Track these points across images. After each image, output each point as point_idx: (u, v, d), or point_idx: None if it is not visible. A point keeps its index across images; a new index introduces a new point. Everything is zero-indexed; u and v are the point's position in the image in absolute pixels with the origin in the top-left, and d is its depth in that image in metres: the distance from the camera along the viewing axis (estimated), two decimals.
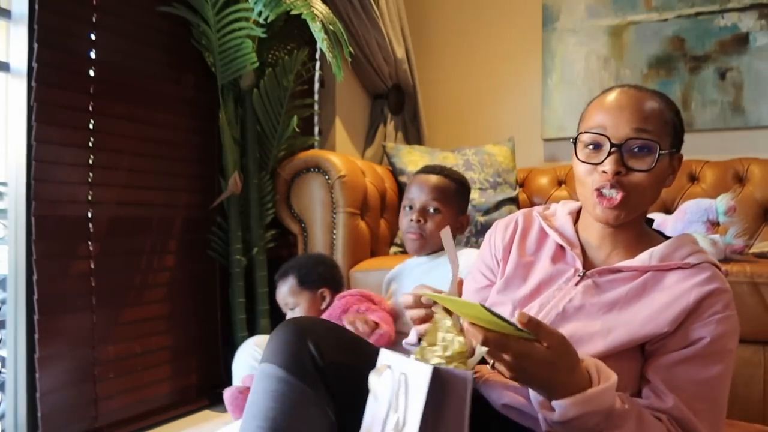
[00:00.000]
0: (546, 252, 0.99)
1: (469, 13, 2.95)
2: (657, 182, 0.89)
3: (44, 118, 1.60)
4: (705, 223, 1.67)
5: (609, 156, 0.86)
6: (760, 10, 2.39)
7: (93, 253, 1.75)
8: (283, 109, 2.18)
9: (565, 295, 0.91)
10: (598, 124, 0.89)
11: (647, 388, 0.85)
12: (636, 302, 0.87)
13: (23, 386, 1.59)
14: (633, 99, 0.89)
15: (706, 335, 0.83)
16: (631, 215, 0.90)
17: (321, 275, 1.58)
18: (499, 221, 1.09)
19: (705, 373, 0.83)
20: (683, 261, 0.88)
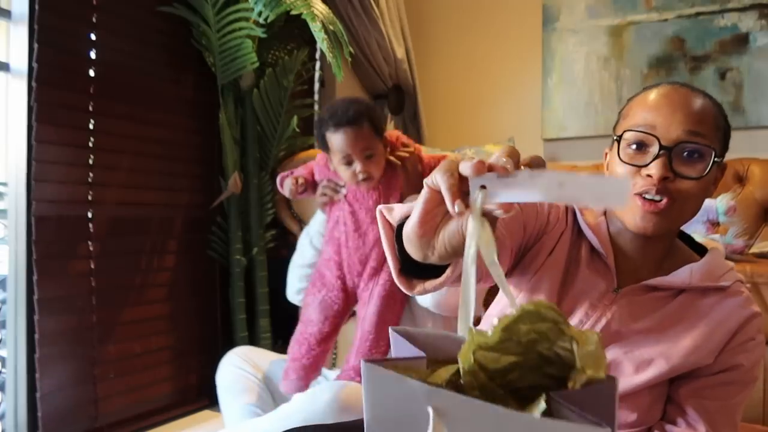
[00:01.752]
0: (583, 255, 0.87)
1: (469, 13, 2.95)
2: (703, 192, 0.79)
3: (44, 118, 1.60)
4: (705, 223, 1.67)
5: (656, 158, 0.76)
6: (760, 10, 2.39)
7: (93, 253, 1.75)
8: (283, 109, 2.18)
9: (600, 317, 0.83)
10: (647, 122, 0.79)
11: (678, 414, 0.82)
12: (675, 328, 0.81)
13: (23, 386, 1.59)
14: (686, 98, 0.79)
15: (743, 362, 0.80)
16: (672, 226, 0.81)
17: (384, 122, 1.42)
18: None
19: (734, 399, 0.81)
20: (718, 283, 0.82)
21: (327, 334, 1.37)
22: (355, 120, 1.27)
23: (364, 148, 1.27)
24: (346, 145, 1.27)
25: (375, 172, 1.30)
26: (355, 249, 1.36)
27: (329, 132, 1.29)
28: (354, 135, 1.27)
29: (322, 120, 1.31)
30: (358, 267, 1.36)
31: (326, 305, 1.38)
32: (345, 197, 1.38)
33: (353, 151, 1.27)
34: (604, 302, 0.83)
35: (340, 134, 1.27)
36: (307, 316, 1.40)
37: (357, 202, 1.36)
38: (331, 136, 1.29)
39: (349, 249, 1.37)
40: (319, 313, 1.38)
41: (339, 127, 1.27)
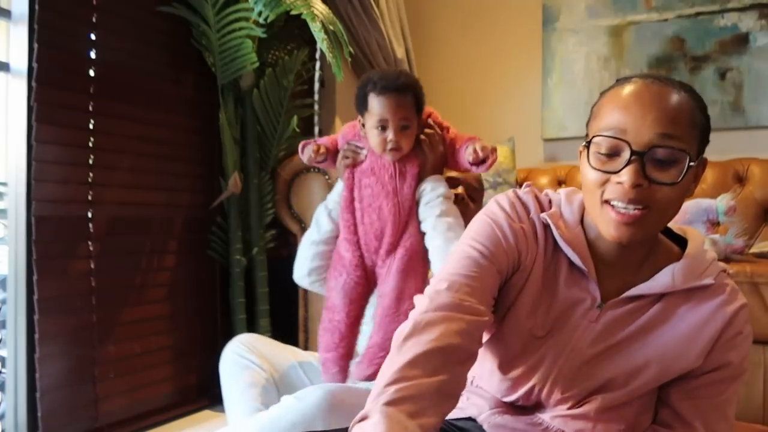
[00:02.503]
0: (562, 271, 0.84)
1: (469, 13, 2.95)
2: (681, 196, 0.75)
3: (44, 118, 1.60)
4: (705, 223, 1.67)
5: (628, 165, 0.72)
6: (760, 10, 2.39)
7: (93, 253, 1.75)
8: (283, 109, 2.18)
9: (584, 335, 0.81)
10: (617, 124, 0.74)
11: (670, 414, 0.82)
12: (660, 331, 0.80)
13: (23, 386, 1.59)
14: (658, 96, 0.73)
15: (733, 359, 0.79)
16: (649, 234, 0.77)
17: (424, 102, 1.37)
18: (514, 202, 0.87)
19: (726, 393, 0.81)
20: (702, 282, 0.80)
21: (355, 318, 1.36)
22: (402, 88, 1.28)
23: (402, 117, 1.28)
24: (386, 110, 1.27)
25: (405, 145, 1.31)
26: (369, 224, 1.34)
27: (374, 93, 1.29)
28: (397, 102, 1.27)
29: (369, 80, 1.31)
30: (374, 243, 1.34)
31: (349, 288, 1.36)
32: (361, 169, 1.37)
33: (392, 117, 1.28)
34: (589, 319, 0.81)
35: (384, 98, 1.27)
36: (331, 302, 1.38)
37: (373, 175, 1.35)
38: (374, 98, 1.29)
39: (365, 225, 1.35)
40: (343, 297, 1.36)
41: (385, 91, 1.27)
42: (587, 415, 0.81)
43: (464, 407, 0.91)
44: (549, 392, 0.83)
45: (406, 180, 1.33)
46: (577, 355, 0.81)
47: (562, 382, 0.82)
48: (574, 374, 0.82)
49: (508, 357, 0.86)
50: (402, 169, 1.33)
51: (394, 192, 1.32)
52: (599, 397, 0.81)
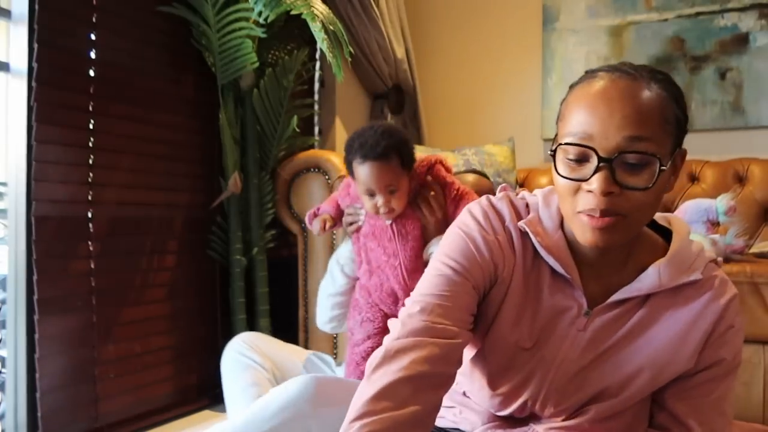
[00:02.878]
0: (544, 280, 0.80)
1: (469, 13, 2.95)
2: (656, 198, 0.72)
3: (44, 118, 1.60)
4: (705, 223, 1.67)
5: (596, 172, 0.68)
6: (760, 10, 2.39)
7: (93, 253, 1.75)
8: (283, 109, 2.18)
9: (573, 345, 0.78)
10: (583, 130, 0.70)
11: (666, 417, 0.81)
12: (651, 332, 0.77)
13: (23, 386, 1.59)
14: (625, 93, 0.69)
15: (725, 356, 0.78)
16: (627, 238, 0.74)
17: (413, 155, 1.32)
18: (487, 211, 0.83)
19: (721, 389, 0.79)
20: (690, 278, 0.77)
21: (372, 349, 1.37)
22: (383, 155, 1.25)
23: (388, 183, 1.27)
24: (370, 179, 1.27)
25: (396, 206, 1.30)
26: (380, 285, 1.37)
27: (356, 162, 1.28)
28: (379, 170, 1.26)
29: (351, 147, 1.30)
30: (389, 299, 1.38)
31: (367, 324, 1.40)
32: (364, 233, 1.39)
33: (377, 185, 1.27)
34: (577, 327, 0.79)
35: (366, 167, 1.26)
36: (353, 339, 1.42)
37: (375, 239, 1.36)
38: (358, 167, 1.28)
39: (374, 285, 1.38)
40: (363, 333, 1.40)
41: (366, 160, 1.26)
42: (581, 426, 0.80)
43: (457, 421, 0.90)
44: (542, 406, 0.82)
45: (408, 241, 1.33)
46: (568, 366, 0.79)
47: (555, 395, 0.80)
48: (565, 386, 0.80)
49: (496, 372, 0.83)
50: (401, 231, 1.33)
51: (395, 254, 1.34)
52: (593, 407, 0.80)
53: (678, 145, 0.73)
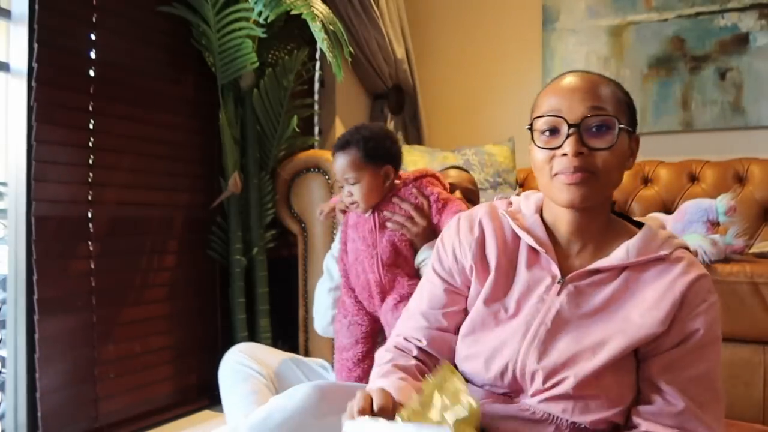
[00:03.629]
0: (521, 257, 0.92)
1: (469, 14, 2.95)
2: (620, 162, 0.85)
3: (44, 118, 1.60)
4: (705, 223, 1.67)
5: (568, 138, 0.82)
6: (760, 10, 2.39)
7: (93, 253, 1.75)
8: (283, 109, 2.18)
9: (549, 309, 0.87)
10: (552, 107, 0.85)
11: (652, 392, 0.83)
12: (623, 304, 0.85)
13: (23, 386, 1.59)
14: (585, 80, 0.86)
15: (700, 327, 0.82)
16: (597, 197, 0.85)
17: (388, 151, 1.36)
18: (461, 216, 1.00)
19: (705, 365, 0.83)
20: (659, 253, 0.86)
21: (363, 354, 1.37)
22: (343, 146, 1.33)
23: (346, 174, 1.32)
24: (336, 170, 1.35)
25: (359, 200, 1.33)
26: (356, 277, 1.38)
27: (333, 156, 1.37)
28: (340, 161, 1.33)
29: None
30: (366, 292, 1.38)
31: (354, 329, 1.39)
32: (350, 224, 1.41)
33: (340, 176, 1.34)
34: (552, 294, 0.87)
35: (334, 159, 1.35)
36: (339, 343, 1.41)
37: (357, 230, 1.38)
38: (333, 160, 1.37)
39: (353, 278, 1.40)
40: (349, 337, 1.38)
41: (333, 151, 1.35)
42: (567, 393, 0.83)
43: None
44: (522, 368, 0.86)
45: (385, 237, 1.34)
46: (544, 328, 0.86)
47: (533, 355, 0.85)
48: (543, 347, 0.85)
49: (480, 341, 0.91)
50: (382, 226, 1.35)
51: (373, 245, 1.35)
52: (570, 373, 0.83)
53: (632, 128, 0.88)
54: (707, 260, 1.60)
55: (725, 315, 1.57)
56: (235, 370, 1.44)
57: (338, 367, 1.40)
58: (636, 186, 2.38)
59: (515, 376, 0.87)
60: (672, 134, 2.56)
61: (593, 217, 0.89)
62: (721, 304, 0.88)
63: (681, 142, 2.53)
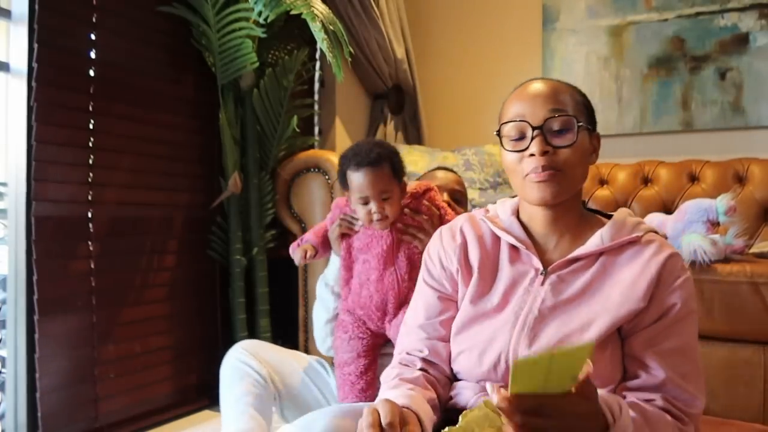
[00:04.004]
0: (503, 256, 0.98)
1: (469, 13, 2.95)
2: (582, 158, 0.92)
3: (44, 118, 1.60)
4: (705, 223, 1.67)
5: (533, 140, 0.89)
6: (760, 10, 2.39)
7: (93, 253, 1.75)
8: (283, 109, 2.18)
9: (535, 298, 0.92)
10: (516, 113, 0.92)
11: (636, 367, 0.88)
12: (602, 286, 0.90)
13: (23, 386, 1.59)
14: (545, 85, 0.93)
15: (676, 301, 0.87)
16: (566, 193, 0.92)
17: (404, 166, 1.38)
18: (442, 229, 1.07)
19: (684, 338, 0.88)
20: (631, 236, 0.92)
21: (366, 366, 1.36)
22: (376, 161, 1.29)
23: (381, 190, 1.30)
24: (365, 185, 1.30)
25: (390, 213, 1.32)
26: (369, 297, 1.35)
27: (350, 170, 1.31)
28: (373, 176, 1.29)
29: (345, 158, 1.34)
30: (376, 313, 1.36)
31: (354, 343, 1.37)
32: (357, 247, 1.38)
33: (371, 191, 1.30)
34: (536, 285, 0.93)
35: (360, 174, 1.30)
36: (339, 359, 1.39)
37: (369, 250, 1.36)
38: (352, 175, 1.31)
39: (363, 299, 1.36)
40: (350, 352, 1.36)
41: (360, 167, 1.30)
42: None
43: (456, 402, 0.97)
44: (514, 357, 0.89)
45: (401, 252, 1.34)
46: (532, 316, 0.91)
47: (523, 343, 0.89)
48: (533, 333, 0.89)
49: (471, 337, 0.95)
50: (399, 241, 1.34)
51: (391, 262, 1.34)
52: None
53: (592, 126, 0.94)
54: (707, 260, 1.60)
55: (725, 315, 1.58)
56: (235, 368, 1.44)
57: (340, 383, 1.37)
58: (636, 186, 2.38)
59: (508, 366, 0.89)
60: (672, 134, 2.56)
61: (565, 211, 0.95)
62: (721, 304, 0.90)
63: (681, 142, 2.53)
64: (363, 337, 1.37)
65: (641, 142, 2.61)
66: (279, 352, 1.53)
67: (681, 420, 0.84)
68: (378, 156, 1.30)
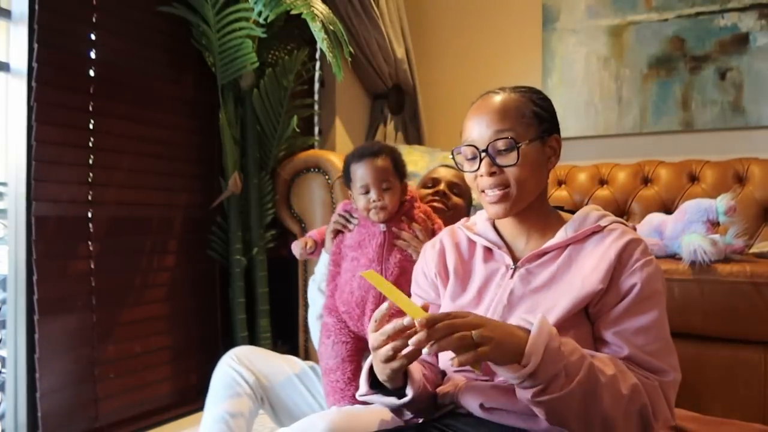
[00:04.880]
0: (477, 258, 1.06)
1: (469, 14, 2.95)
2: (533, 170, 0.97)
3: (44, 118, 1.60)
4: (705, 223, 1.67)
5: (481, 161, 0.97)
6: (760, 10, 2.39)
7: (93, 253, 1.75)
8: (283, 109, 2.18)
9: (505, 290, 0.98)
10: (468, 136, 1.00)
11: (603, 346, 0.92)
12: (568, 273, 0.96)
13: (23, 386, 1.59)
14: (489, 104, 0.99)
15: (636, 281, 0.91)
16: (520, 205, 0.99)
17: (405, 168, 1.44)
18: (426, 245, 1.16)
19: (648, 318, 0.91)
20: (594, 225, 0.98)
21: (352, 372, 1.35)
22: (378, 152, 1.37)
23: (382, 179, 1.35)
24: (366, 174, 1.35)
25: (389, 203, 1.36)
26: (350, 293, 1.36)
27: (354, 162, 1.38)
28: (374, 165, 1.35)
29: (349, 155, 1.41)
30: (356, 311, 1.35)
31: (338, 347, 1.37)
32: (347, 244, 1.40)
33: (372, 180, 1.35)
34: (506, 279, 1.00)
35: (363, 163, 1.36)
36: (325, 365, 1.38)
37: (360, 248, 1.38)
38: (355, 167, 1.37)
39: (345, 295, 1.37)
40: (335, 357, 1.36)
41: (363, 158, 1.37)
42: None
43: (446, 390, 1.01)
44: None
45: (393, 255, 1.36)
46: (501, 305, 0.98)
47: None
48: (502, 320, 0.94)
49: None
50: (391, 241, 1.37)
51: (379, 260, 1.35)
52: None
53: (547, 132, 1.00)
54: (707, 260, 1.60)
55: (725, 315, 1.58)
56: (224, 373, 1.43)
57: (329, 390, 1.36)
58: (636, 186, 2.38)
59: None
60: (672, 134, 2.56)
61: (528, 215, 1.02)
62: (721, 304, 0.90)
63: (681, 142, 2.53)
64: (346, 341, 1.37)
65: (641, 142, 2.61)
66: (271, 357, 1.52)
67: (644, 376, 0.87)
68: (380, 148, 1.38)
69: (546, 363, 0.77)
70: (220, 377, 1.45)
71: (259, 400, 1.44)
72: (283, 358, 1.54)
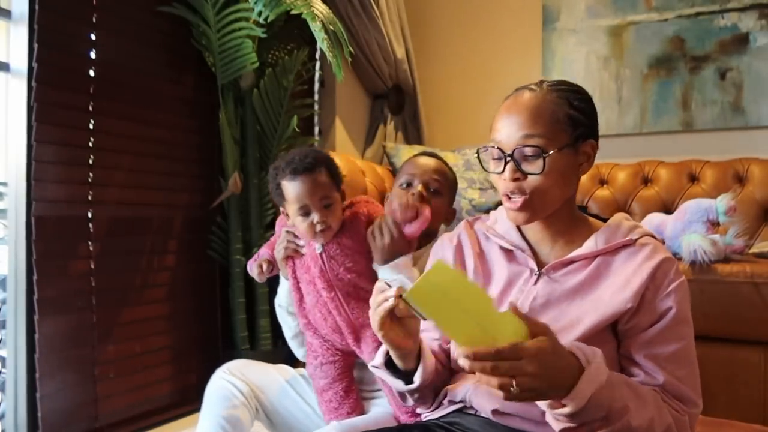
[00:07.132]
0: (498, 259, 1.01)
1: (469, 13, 2.95)
2: (559, 179, 0.91)
3: (44, 118, 1.60)
4: (705, 223, 1.67)
5: (506, 164, 0.91)
6: (760, 10, 2.39)
7: (93, 253, 1.75)
8: (283, 109, 2.18)
9: (528, 295, 0.94)
10: (496, 135, 0.94)
11: (635, 368, 0.89)
12: (596, 286, 0.92)
13: (23, 386, 1.59)
14: (522, 103, 0.92)
15: (672, 305, 0.88)
16: (540, 214, 0.94)
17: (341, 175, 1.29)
18: (444, 236, 1.10)
19: (680, 341, 0.89)
20: (626, 239, 0.93)
21: (345, 389, 1.31)
22: (312, 167, 1.19)
23: (322, 196, 1.20)
24: (303, 194, 1.19)
25: (333, 223, 1.22)
26: (323, 320, 1.28)
27: (285, 180, 1.21)
28: (311, 183, 1.19)
29: (277, 168, 1.24)
30: (336, 335, 1.29)
31: (327, 368, 1.32)
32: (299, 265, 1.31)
33: (311, 199, 1.19)
34: (530, 284, 0.95)
35: (298, 182, 1.19)
36: (317, 385, 1.34)
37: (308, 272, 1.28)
38: (288, 185, 1.21)
39: (319, 322, 1.30)
40: (325, 378, 1.32)
41: (296, 175, 1.20)
42: None
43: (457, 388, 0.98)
44: None
45: (340, 264, 1.24)
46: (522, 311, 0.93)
47: None
48: None
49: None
50: (331, 253, 1.24)
51: (329, 285, 1.24)
52: None
53: (582, 138, 0.93)
54: (707, 260, 1.60)
55: (725, 315, 1.58)
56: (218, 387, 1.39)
57: (324, 409, 1.31)
58: (636, 186, 2.38)
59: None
60: (672, 134, 2.56)
61: (554, 220, 0.97)
62: (721, 304, 0.90)
63: (681, 142, 2.53)
64: (334, 360, 1.31)
65: (641, 142, 2.61)
66: (263, 368, 1.50)
67: (676, 410, 0.86)
68: (314, 161, 1.20)
69: (587, 409, 0.75)
70: (213, 390, 1.41)
71: (253, 410, 1.41)
72: (275, 367, 1.52)
